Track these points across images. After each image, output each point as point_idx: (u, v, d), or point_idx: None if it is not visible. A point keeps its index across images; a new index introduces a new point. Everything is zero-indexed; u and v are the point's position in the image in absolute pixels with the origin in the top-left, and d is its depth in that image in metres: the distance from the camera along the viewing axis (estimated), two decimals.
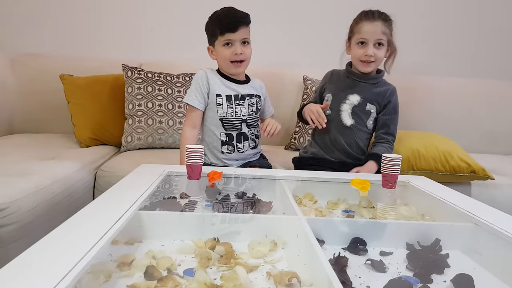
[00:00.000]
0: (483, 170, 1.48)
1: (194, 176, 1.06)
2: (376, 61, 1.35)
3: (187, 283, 0.60)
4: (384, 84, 1.43)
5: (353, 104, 1.37)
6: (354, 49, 1.36)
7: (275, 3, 2.27)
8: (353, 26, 1.38)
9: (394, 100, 1.42)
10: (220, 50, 1.31)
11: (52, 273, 0.47)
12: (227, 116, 1.34)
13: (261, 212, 0.91)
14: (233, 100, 1.35)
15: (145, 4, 2.23)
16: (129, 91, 1.74)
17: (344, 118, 1.38)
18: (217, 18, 1.30)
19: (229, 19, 1.27)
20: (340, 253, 0.72)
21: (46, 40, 2.18)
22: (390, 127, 1.39)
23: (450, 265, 0.73)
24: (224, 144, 1.36)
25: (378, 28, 1.30)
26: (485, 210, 0.91)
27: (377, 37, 1.31)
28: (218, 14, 1.30)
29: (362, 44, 1.33)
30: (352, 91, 1.38)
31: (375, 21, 1.30)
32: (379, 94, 1.39)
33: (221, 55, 1.32)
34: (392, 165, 1.09)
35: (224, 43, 1.29)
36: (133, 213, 0.73)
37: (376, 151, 1.35)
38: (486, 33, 2.44)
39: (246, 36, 1.30)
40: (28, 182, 1.05)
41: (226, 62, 1.32)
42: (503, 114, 2.17)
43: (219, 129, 1.35)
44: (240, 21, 1.27)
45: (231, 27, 1.26)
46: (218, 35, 1.29)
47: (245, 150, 1.38)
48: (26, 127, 1.95)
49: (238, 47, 1.29)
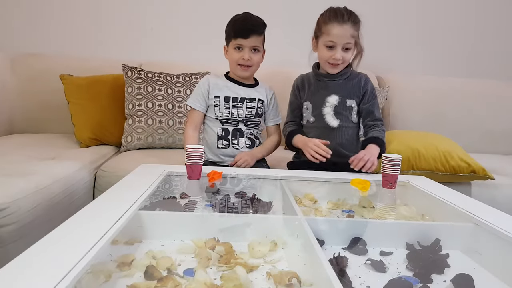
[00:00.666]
0: (483, 170, 1.48)
1: (194, 176, 1.06)
2: (344, 63, 1.34)
3: (187, 283, 0.60)
4: (355, 75, 1.41)
5: (333, 104, 1.36)
6: (321, 51, 1.34)
7: (275, 4, 2.27)
8: (321, 25, 1.34)
9: (370, 87, 1.40)
10: (231, 52, 1.39)
11: (52, 273, 0.47)
12: (223, 116, 1.41)
13: (261, 212, 0.91)
14: (231, 102, 1.41)
15: (145, 4, 2.22)
16: (129, 91, 1.74)
17: (329, 121, 1.36)
18: (234, 22, 1.37)
19: (243, 26, 1.34)
20: (340, 253, 0.72)
21: (46, 40, 2.18)
22: (374, 113, 1.38)
23: (450, 265, 0.73)
24: (220, 138, 1.41)
25: (347, 32, 1.27)
26: (485, 210, 0.91)
27: (345, 41, 1.28)
28: (236, 18, 1.37)
29: (330, 47, 1.31)
30: (328, 93, 1.37)
31: (344, 24, 1.27)
32: (354, 87, 1.38)
33: (231, 57, 1.40)
34: (392, 165, 1.09)
35: (235, 46, 1.36)
36: (133, 213, 0.73)
37: (371, 135, 1.34)
38: (486, 33, 2.44)
39: (257, 44, 1.36)
40: (28, 182, 1.05)
41: (234, 64, 1.40)
42: (503, 114, 2.17)
43: (216, 125, 1.42)
44: (252, 29, 1.34)
45: (243, 33, 1.33)
46: (231, 37, 1.36)
47: (240, 147, 1.41)
48: (26, 127, 1.95)
49: (247, 52, 1.35)
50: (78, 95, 1.76)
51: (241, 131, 1.42)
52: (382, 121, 1.40)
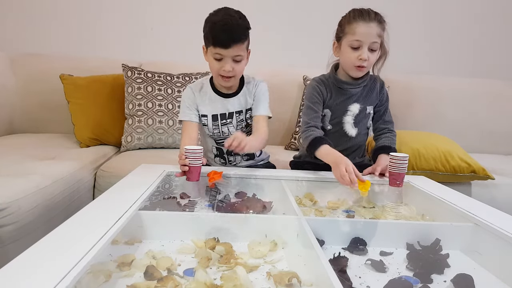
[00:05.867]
0: (483, 170, 1.48)
1: (193, 177, 1.06)
2: (368, 66, 1.27)
3: (187, 283, 0.60)
4: (371, 79, 1.36)
5: (355, 113, 1.32)
6: (346, 52, 1.24)
7: (275, 4, 2.27)
8: (344, 26, 1.25)
9: (386, 90, 1.38)
10: (210, 60, 1.20)
11: (52, 273, 0.47)
12: (213, 136, 1.32)
13: (261, 212, 0.91)
14: (219, 120, 1.29)
15: (145, 4, 2.22)
16: (129, 91, 1.74)
17: (348, 129, 1.32)
18: (212, 26, 1.15)
19: (223, 35, 1.13)
20: (340, 253, 0.72)
21: (46, 40, 2.18)
22: (386, 115, 1.37)
23: (450, 265, 0.73)
24: (216, 156, 1.37)
25: (373, 30, 1.19)
26: (485, 210, 0.91)
27: (372, 40, 1.20)
28: (214, 22, 1.15)
29: (356, 47, 1.22)
30: (351, 101, 1.32)
31: (370, 22, 1.19)
32: (372, 93, 1.35)
33: (211, 65, 1.22)
34: (399, 164, 1.10)
35: (215, 56, 1.17)
36: (133, 213, 0.73)
37: (382, 143, 1.32)
38: (486, 33, 2.44)
39: (239, 53, 1.16)
40: (28, 182, 1.05)
41: (215, 74, 1.23)
42: (503, 114, 2.17)
43: (211, 142, 1.36)
44: (234, 39, 1.13)
45: (223, 43, 1.13)
46: (210, 44, 1.16)
47: (237, 163, 1.37)
48: (26, 127, 1.95)
49: (228, 63, 1.16)
50: (78, 95, 1.76)
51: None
52: (393, 123, 1.39)
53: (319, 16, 2.30)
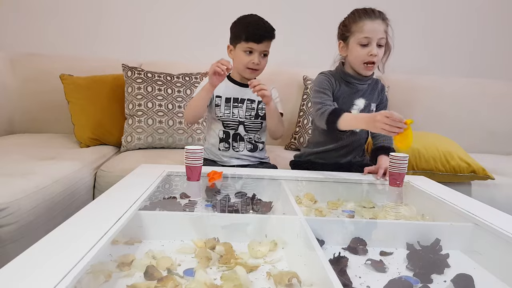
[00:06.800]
0: (483, 170, 1.48)
1: (194, 177, 1.06)
2: (377, 62, 1.29)
3: (187, 283, 0.60)
4: (373, 79, 1.40)
5: (360, 108, 1.34)
6: (355, 50, 1.27)
7: (275, 4, 2.27)
8: (350, 25, 1.28)
9: (385, 95, 1.42)
10: (239, 54, 1.36)
11: (52, 273, 0.47)
12: (223, 117, 1.40)
13: (261, 212, 0.91)
14: (232, 102, 1.41)
15: (145, 4, 2.23)
16: (129, 91, 1.74)
17: None
18: (246, 25, 1.35)
19: (257, 30, 1.32)
20: (340, 253, 0.72)
21: (46, 40, 2.18)
22: None
23: (450, 265, 0.73)
24: (221, 141, 1.42)
25: (380, 27, 1.24)
26: (485, 210, 0.91)
27: (380, 36, 1.24)
28: (248, 20, 1.35)
29: (365, 44, 1.24)
30: (357, 96, 1.35)
31: (376, 19, 1.24)
32: (375, 91, 1.39)
33: (238, 59, 1.37)
34: (399, 164, 1.11)
35: (246, 49, 1.34)
36: (133, 213, 0.73)
37: (382, 143, 1.34)
38: (486, 33, 2.44)
39: (267, 49, 1.36)
40: (28, 182, 1.05)
41: (242, 67, 1.37)
42: (503, 114, 2.17)
43: (218, 127, 1.42)
44: (266, 35, 1.33)
45: (256, 38, 1.32)
46: (242, 40, 1.33)
47: (241, 150, 1.42)
48: (26, 127, 1.95)
49: (257, 57, 1.34)
50: (78, 95, 1.76)
51: (240, 136, 1.42)
52: None
53: (319, 16, 2.30)
